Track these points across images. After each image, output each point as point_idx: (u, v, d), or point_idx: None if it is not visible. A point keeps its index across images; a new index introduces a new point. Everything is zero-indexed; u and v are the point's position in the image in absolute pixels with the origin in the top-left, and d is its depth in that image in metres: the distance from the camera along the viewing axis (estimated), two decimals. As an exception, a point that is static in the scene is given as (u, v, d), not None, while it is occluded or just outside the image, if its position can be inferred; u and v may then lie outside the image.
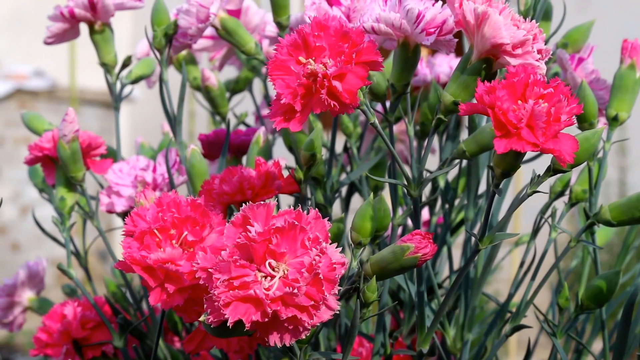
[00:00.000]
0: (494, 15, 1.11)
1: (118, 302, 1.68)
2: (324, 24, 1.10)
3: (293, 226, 1.05)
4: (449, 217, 1.65)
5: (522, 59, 1.12)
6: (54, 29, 1.54)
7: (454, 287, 1.25)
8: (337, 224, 1.33)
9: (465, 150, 1.18)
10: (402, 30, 1.23)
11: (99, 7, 1.51)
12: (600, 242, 1.57)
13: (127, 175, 1.55)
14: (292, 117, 1.09)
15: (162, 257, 1.13)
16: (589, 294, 1.38)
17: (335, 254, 1.06)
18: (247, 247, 1.05)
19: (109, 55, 1.57)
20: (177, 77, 1.70)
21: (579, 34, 1.61)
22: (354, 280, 1.19)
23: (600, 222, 1.31)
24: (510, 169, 1.11)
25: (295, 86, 1.08)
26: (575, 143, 1.05)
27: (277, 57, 1.10)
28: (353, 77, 1.07)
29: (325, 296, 1.03)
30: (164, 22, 1.50)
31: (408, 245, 1.14)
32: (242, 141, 1.57)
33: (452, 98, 1.17)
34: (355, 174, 1.58)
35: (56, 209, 1.48)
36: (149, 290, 1.15)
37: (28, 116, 1.61)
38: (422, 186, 1.23)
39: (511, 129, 1.03)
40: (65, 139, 1.42)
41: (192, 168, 1.41)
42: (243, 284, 1.04)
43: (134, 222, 1.17)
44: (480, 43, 1.14)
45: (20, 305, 1.72)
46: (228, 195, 1.33)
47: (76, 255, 1.59)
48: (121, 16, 1.68)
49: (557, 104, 1.03)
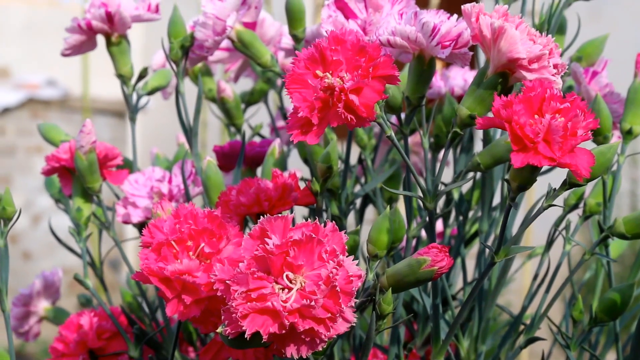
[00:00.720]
0: (510, 29, 1.11)
1: (134, 313, 1.68)
2: (341, 38, 1.10)
3: (310, 239, 1.05)
4: (463, 229, 1.65)
5: (539, 74, 1.13)
6: (71, 41, 1.55)
7: (469, 300, 1.25)
8: (354, 237, 1.33)
9: (480, 163, 1.18)
10: (417, 43, 1.23)
11: (116, 19, 1.53)
12: (614, 254, 1.57)
13: (143, 186, 1.55)
14: (309, 130, 1.10)
15: (179, 269, 1.14)
16: (602, 307, 1.38)
17: (352, 267, 1.06)
18: (265, 259, 1.05)
19: (126, 67, 1.58)
20: (191, 88, 1.71)
21: (592, 47, 1.62)
22: (370, 293, 1.20)
23: (614, 235, 1.31)
24: (526, 183, 1.11)
25: (312, 100, 1.09)
26: (592, 157, 1.05)
27: (295, 70, 1.11)
28: (370, 91, 1.08)
29: (342, 308, 1.04)
30: (180, 34, 1.51)
31: (424, 259, 1.15)
32: (257, 153, 1.58)
33: (468, 112, 1.18)
34: (369, 186, 1.58)
35: (73, 219, 1.49)
36: (166, 302, 1.16)
37: (45, 127, 1.62)
38: (437, 199, 1.23)
39: (528, 143, 1.03)
40: (82, 150, 1.43)
41: (208, 180, 1.42)
42: (261, 296, 1.04)
43: (152, 234, 1.18)
44: (496, 57, 1.14)
45: (36, 315, 1.73)
46: (245, 207, 1.34)
47: (91, 265, 1.60)
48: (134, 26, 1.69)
49: (574, 119, 1.04)
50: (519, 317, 1.54)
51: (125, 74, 1.58)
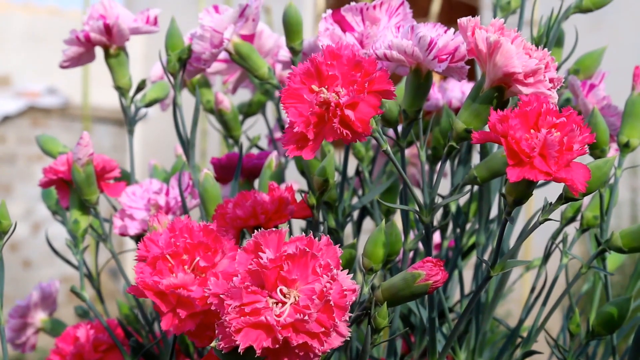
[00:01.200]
0: (506, 44, 1.11)
1: (130, 325, 1.68)
2: (336, 53, 1.10)
3: (304, 253, 1.05)
4: (461, 241, 1.65)
5: (534, 88, 1.13)
6: (70, 53, 1.55)
7: (465, 313, 1.25)
8: (349, 250, 1.33)
9: (477, 176, 1.18)
10: (414, 57, 1.23)
11: (114, 31, 1.53)
12: (611, 266, 1.56)
13: (140, 199, 1.55)
14: (304, 145, 1.10)
15: (174, 283, 1.14)
16: (600, 320, 1.38)
17: (347, 281, 1.06)
18: (259, 273, 1.05)
19: (124, 79, 1.58)
20: (190, 99, 1.71)
21: (590, 60, 1.61)
22: (365, 306, 1.20)
23: (611, 248, 1.31)
24: (522, 197, 1.11)
25: (308, 115, 1.09)
26: (588, 172, 1.05)
27: (290, 85, 1.11)
28: (365, 106, 1.08)
29: (336, 323, 1.04)
30: (178, 46, 1.51)
31: (419, 273, 1.15)
32: (254, 165, 1.58)
33: (464, 126, 1.18)
34: (367, 199, 1.58)
35: (69, 231, 1.49)
36: (161, 315, 1.16)
37: (43, 138, 1.62)
38: (434, 212, 1.23)
39: (524, 157, 1.03)
40: (79, 162, 1.43)
41: (205, 192, 1.42)
42: (254, 310, 1.04)
43: (147, 247, 1.18)
44: (492, 71, 1.14)
45: (33, 326, 1.73)
46: (241, 220, 1.34)
47: (88, 277, 1.60)
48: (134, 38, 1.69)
49: (570, 133, 1.04)
50: (516, 330, 1.53)
51: (124, 86, 1.58)
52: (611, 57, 1.69)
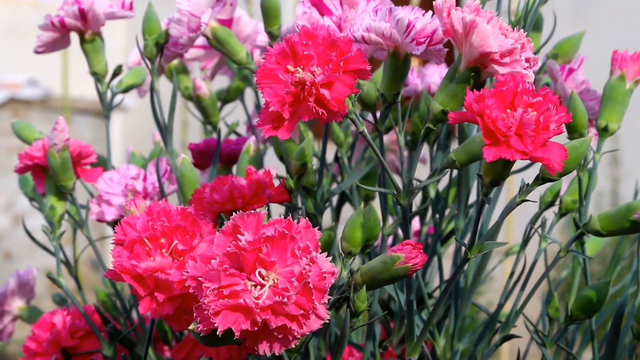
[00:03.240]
0: (481, 24, 1.11)
1: (108, 311, 1.67)
2: (312, 33, 1.10)
3: (283, 235, 1.05)
4: (440, 227, 1.65)
5: (510, 68, 1.12)
6: (44, 38, 1.54)
7: (444, 296, 1.25)
8: (328, 233, 1.33)
9: (455, 160, 1.18)
10: (392, 39, 1.23)
11: (89, 16, 1.52)
12: (591, 252, 1.57)
13: (118, 184, 1.54)
14: (280, 125, 1.09)
15: (151, 266, 1.13)
16: (578, 305, 1.38)
17: (326, 264, 1.06)
18: (237, 256, 1.05)
19: (100, 65, 1.57)
20: (168, 86, 1.70)
21: (569, 44, 1.61)
22: (344, 290, 1.19)
23: (590, 232, 1.31)
24: (499, 178, 1.11)
25: (283, 94, 1.08)
26: (564, 151, 1.05)
27: (266, 65, 1.10)
28: (341, 85, 1.08)
29: (315, 305, 1.03)
30: (155, 31, 1.51)
31: (398, 255, 1.14)
32: (232, 150, 1.58)
33: (440, 107, 1.17)
34: (346, 184, 1.58)
35: (46, 217, 1.48)
36: (139, 299, 1.15)
37: (18, 125, 1.61)
38: (412, 196, 1.23)
39: (500, 137, 1.03)
40: (55, 147, 1.42)
41: (183, 177, 1.41)
42: (233, 293, 1.04)
43: (124, 231, 1.17)
44: (468, 52, 1.14)
45: (10, 314, 1.72)
46: (218, 204, 1.33)
47: (66, 264, 1.59)
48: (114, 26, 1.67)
49: (546, 113, 1.04)
50: (494, 315, 1.53)
51: (99, 72, 1.57)
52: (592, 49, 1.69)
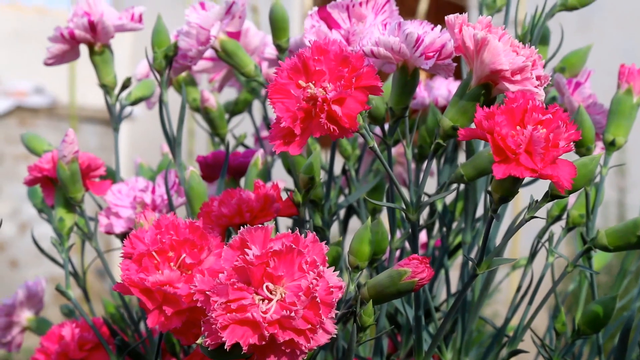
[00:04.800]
0: (493, 41, 1.11)
1: (116, 323, 1.67)
2: (324, 48, 1.10)
3: (290, 249, 1.05)
4: (447, 240, 1.65)
5: (521, 85, 1.12)
6: (54, 50, 1.54)
7: (451, 312, 1.25)
8: (335, 247, 1.33)
9: (463, 175, 1.18)
10: (401, 54, 1.23)
11: (99, 28, 1.52)
12: (598, 266, 1.57)
13: (126, 197, 1.55)
14: (291, 140, 1.09)
15: (160, 280, 1.13)
16: (585, 319, 1.38)
17: (333, 278, 1.06)
18: (245, 270, 1.05)
19: (109, 77, 1.57)
20: (176, 98, 1.71)
21: (576, 58, 1.61)
22: (351, 304, 1.19)
23: (596, 247, 1.31)
24: (508, 194, 1.11)
25: (295, 110, 1.08)
26: (573, 169, 1.05)
27: (277, 80, 1.10)
28: (353, 101, 1.08)
29: (322, 320, 1.04)
30: (164, 43, 1.51)
31: (405, 270, 1.14)
32: (241, 163, 1.58)
33: (450, 123, 1.18)
34: (353, 197, 1.58)
35: (55, 229, 1.48)
36: (147, 313, 1.15)
37: (28, 137, 1.62)
38: (420, 210, 1.23)
39: (510, 154, 1.03)
40: (64, 160, 1.42)
41: (191, 190, 1.42)
42: (240, 307, 1.04)
43: (133, 244, 1.17)
44: (479, 69, 1.14)
45: (19, 325, 1.72)
46: (227, 218, 1.33)
47: (74, 275, 1.59)
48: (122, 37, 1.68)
49: (556, 130, 1.04)
50: (502, 329, 1.53)
51: (108, 84, 1.58)
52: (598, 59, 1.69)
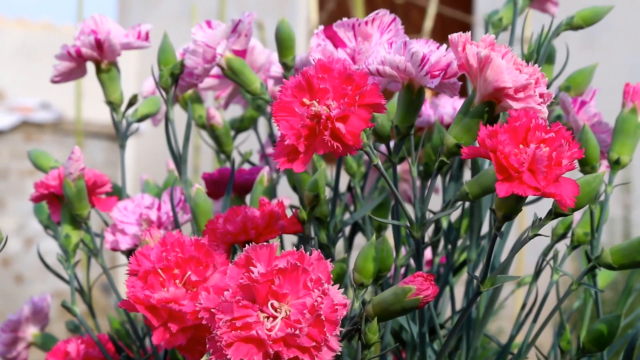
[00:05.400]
0: (496, 59, 1.12)
1: (121, 340, 1.68)
2: (328, 67, 1.11)
3: (295, 267, 1.05)
4: (452, 257, 1.65)
5: (524, 103, 1.13)
6: (61, 68, 1.55)
7: (455, 329, 1.25)
8: (340, 265, 1.33)
9: (469, 193, 1.19)
10: (406, 72, 1.24)
11: (105, 46, 1.53)
12: (603, 283, 1.57)
13: (132, 213, 1.55)
14: (295, 158, 1.10)
15: (165, 297, 1.14)
16: (590, 338, 1.38)
17: (337, 295, 1.07)
18: (250, 287, 1.06)
19: (115, 94, 1.58)
20: (182, 114, 1.72)
21: (581, 77, 1.62)
22: (356, 321, 1.20)
23: (601, 265, 1.31)
24: (511, 213, 1.11)
25: (299, 127, 1.09)
26: (576, 187, 1.06)
27: (282, 98, 1.11)
28: (356, 119, 1.09)
29: (327, 337, 1.04)
30: (170, 61, 1.51)
31: (410, 287, 1.15)
32: (246, 180, 1.58)
33: (454, 141, 1.18)
34: (358, 214, 1.58)
35: (61, 246, 1.48)
36: (152, 330, 1.16)
37: (34, 153, 1.62)
38: (425, 228, 1.23)
39: (513, 172, 1.03)
40: (71, 177, 1.43)
41: (197, 207, 1.42)
42: (245, 325, 1.05)
43: (138, 262, 1.18)
44: (482, 86, 1.15)
45: (24, 340, 1.72)
46: (232, 235, 1.34)
47: (80, 291, 1.59)
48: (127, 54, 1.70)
49: (559, 149, 1.04)
50: (507, 346, 1.53)
51: (115, 101, 1.58)
52: (603, 76, 1.69)
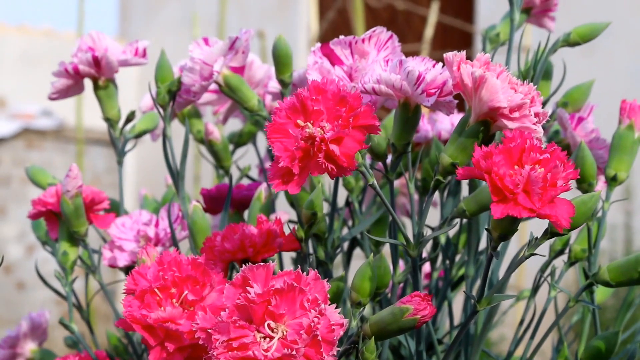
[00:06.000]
0: (491, 79, 1.12)
1: (119, 356, 1.68)
2: (322, 88, 1.11)
3: (292, 287, 1.06)
4: (450, 273, 1.65)
5: (520, 123, 1.13)
6: (59, 85, 1.55)
7: (454, 345, 1.25)
8: (337, 283, 1.33)
9: (466, 210, 1.19)
10: (402, 91, 1.24)
11: (103, 63, 1.53)
12: (601, 298, 1.57)
13: (130, 230, 1.55)
14: (290, 179, 1.10)
15: (162, 316, 1.14)
16: (588, 355, 1.38)
17: (334, 315, 1.07)
18: (247, 308, 1.06)
19: (113, 110, 1.58)
20: (181, 129, 1.72)
21: (579, 93, 1.62)
22: (353, 340, 1.20)
23: (598, 282, 1.31)
24: (507, 233, 1.11)
25: (293, 149, 1.09)
26: (572, 208, 1.06)
27: (276, 120, 1.11)
28: (350, 140, 1.09)
29: (324, 357, 1.05)
30: (167, 78, 1.51)
31: (407, 307, 1.15)
32: (244, 196, 1.58)
33: (450, 160, 1.18)
34: (356, 231, 1.58)
35: (59, 263, 1.49)
36: (149, 349, 1.16)
37: (32, 170, 1.63)
38: (421, 246, 1.23)
39: (508, 194, 1.04)
40: (68, 194, 1.43)
41: (194, 224, 1.42)
42: (242, 345, 1.05)
43: (135, 281, 1.18)
44: (477, 106, 1.15)
45: (23, 356, 1.72)
46: (229, 253, 1.34)
47: (78, 308, 1.59)
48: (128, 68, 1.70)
49: (554, 170, 1.04)
50: (505, 363, 1.53)
51: (113, 118, 1.59)
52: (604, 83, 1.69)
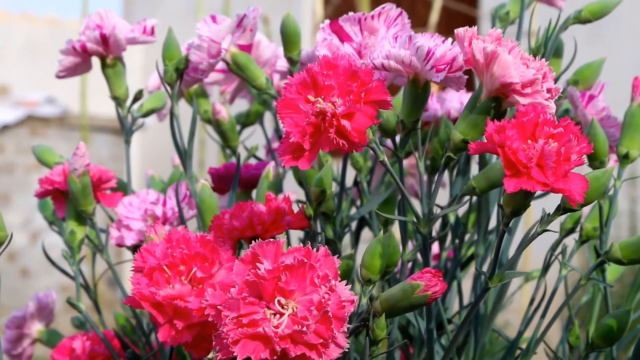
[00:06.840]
0: (503, 54, 1.11)
1: (127, 336, 1.67)
2: (333, 63, 1.10)
3: (302, 264, 1.05)
4: (459, 252, 1.64)
5: (532, 98, 1.12)
6: (66, 63, 1.54)
7: (464, 324, 1.25)
8: (347, 261, 1.33)
9: (475, 187, 1.18)
10: (412, 67, 1.23)
11: (110, 41, 1.52)
12: (611, 277, 1.56)
13: (137, 209, 1.54)
14: (300, 155, 1.09)
15: (171, 294, 1.14)
16: (599, 333, 1.37)
17: (345, 292, 1.06)
18: (256, 284, 1.05)
19: (121, 89, 1.57)
20: (188, 109, 1.71)
21: (590, 71, 1.61)
22: (363, 318, 1.19)
23: (610, 260, 1.30)
24: (520, 208, 1.10)
25: (304, 125, 1.08)
26: (585, 182, 1.05)
27: (286, 95, 1.10)
28: (362, 116, 1.08)
29: (334, 334, 1.04)
30: (175, 56, 1.51)
31: (418, 284, 1.14)
32: (252, 175, 1.58)
33: (461, 136, 1.17)
34: (365, 209, 1.57)
35: (66, 242, 1.48)
36: (158, 327, 1.16)
37: (39, 149, 1.62)
38: (432, 223, 1.23)
39: (521, 168, 1.03)
40: (75, 172, 1.42)
41: (202, 203, 1.41)
42: (252, 322, 1.04)
43: (144, 258, 1.17)
44: (489, 82, 1.14)
45: (29, 337, 1.72)
46: (238, 231, 1.33)
47: (85, 287, 1.59)
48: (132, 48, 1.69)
49: (567, 144, 1.03)
50: (515, 341, 1.53)
51: (120, 96, 1.58)
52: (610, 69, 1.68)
